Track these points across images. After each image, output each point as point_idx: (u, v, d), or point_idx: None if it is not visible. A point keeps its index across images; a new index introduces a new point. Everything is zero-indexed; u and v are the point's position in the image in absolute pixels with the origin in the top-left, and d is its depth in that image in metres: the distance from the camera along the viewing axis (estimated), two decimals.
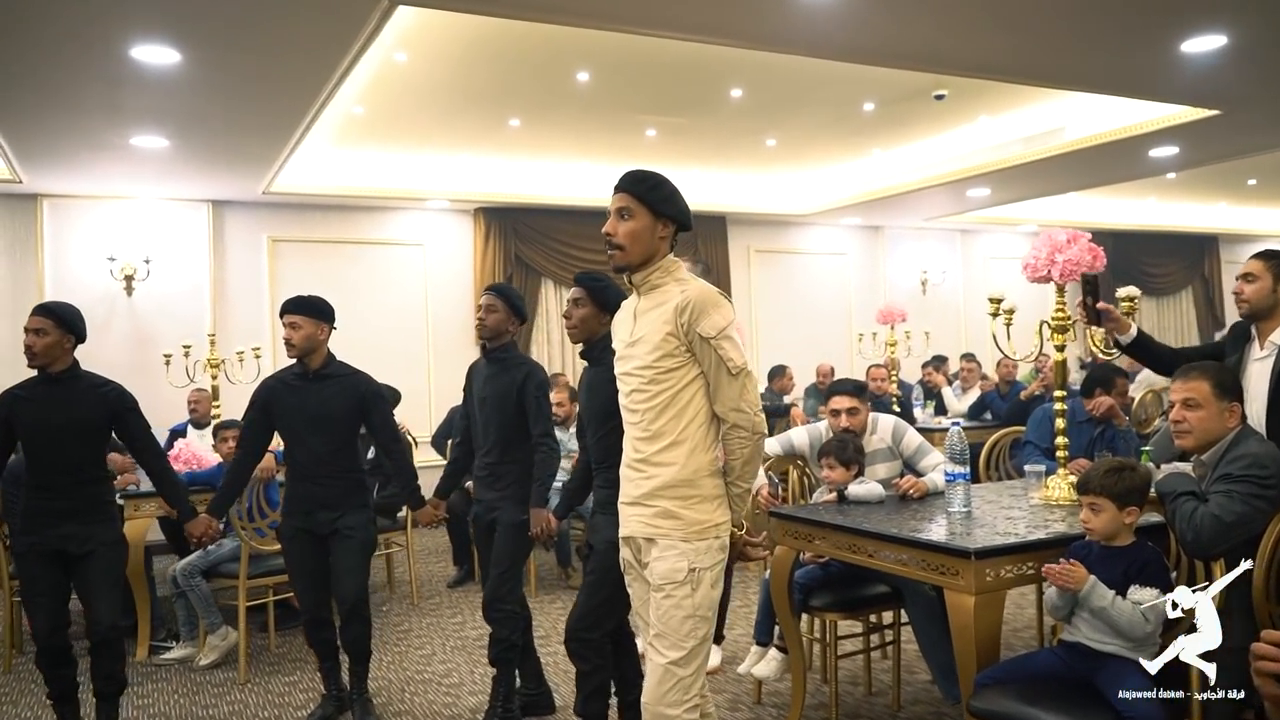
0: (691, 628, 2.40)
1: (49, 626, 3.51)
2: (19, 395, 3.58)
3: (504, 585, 3.69)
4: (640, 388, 2.49)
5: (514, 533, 3.67)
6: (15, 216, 7.29)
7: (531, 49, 5.27)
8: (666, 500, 2.44)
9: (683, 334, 2.43)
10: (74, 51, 4.24)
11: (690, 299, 2.43)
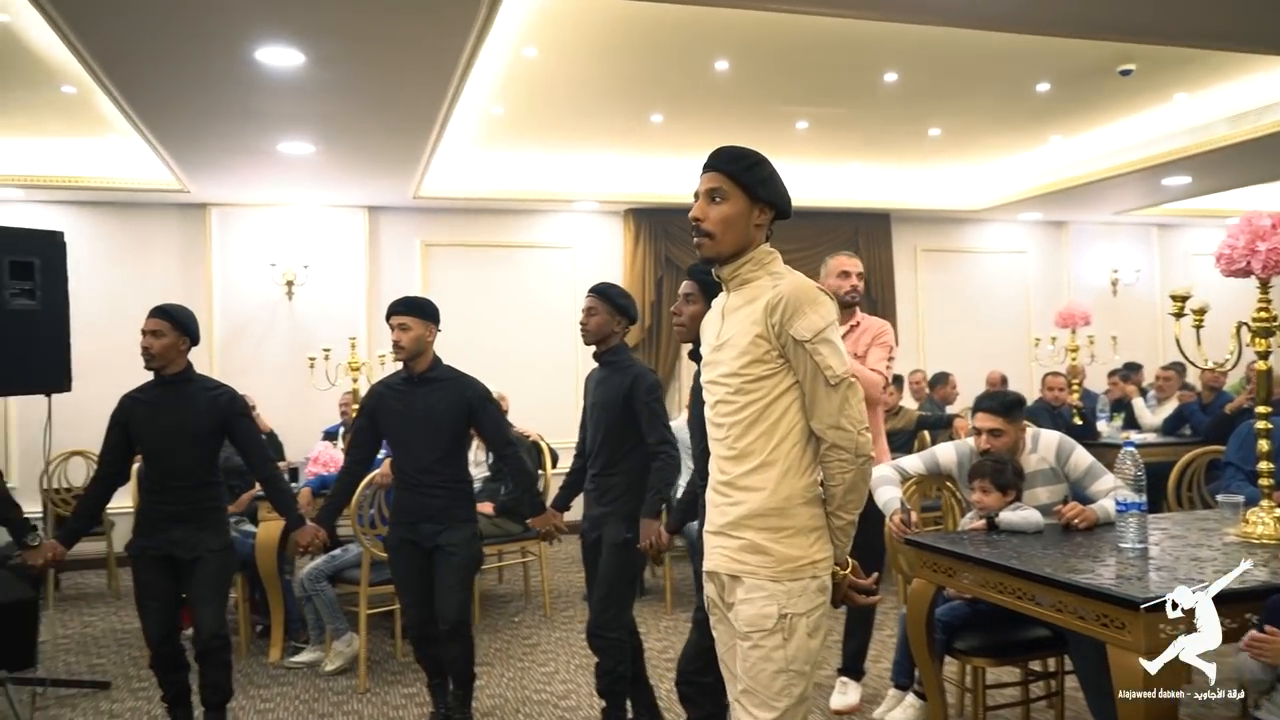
0: (784, 684, 2.04)
1: (160, 632, 3.51)
2: (137, 398, 3.59)
3: (608, 611, 3.42)
4: (726, 399, 2.15)
5: (618, 552, 3.40)
6: (187, 225, 7.62)
7: (664, 37, 4.99)
8: (753, 532, 2.09)
9: (774, 336, 2.08)
10: (203, 56, 4.28)
11: (783, 295, 2.08)
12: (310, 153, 6.06)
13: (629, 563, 3.44)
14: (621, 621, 3.45)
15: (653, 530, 3.32)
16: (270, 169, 6.50)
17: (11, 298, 4.10)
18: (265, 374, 7.53)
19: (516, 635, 5.24)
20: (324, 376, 6.63)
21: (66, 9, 3.78)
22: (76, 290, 6.29)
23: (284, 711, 4.17)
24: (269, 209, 7.73)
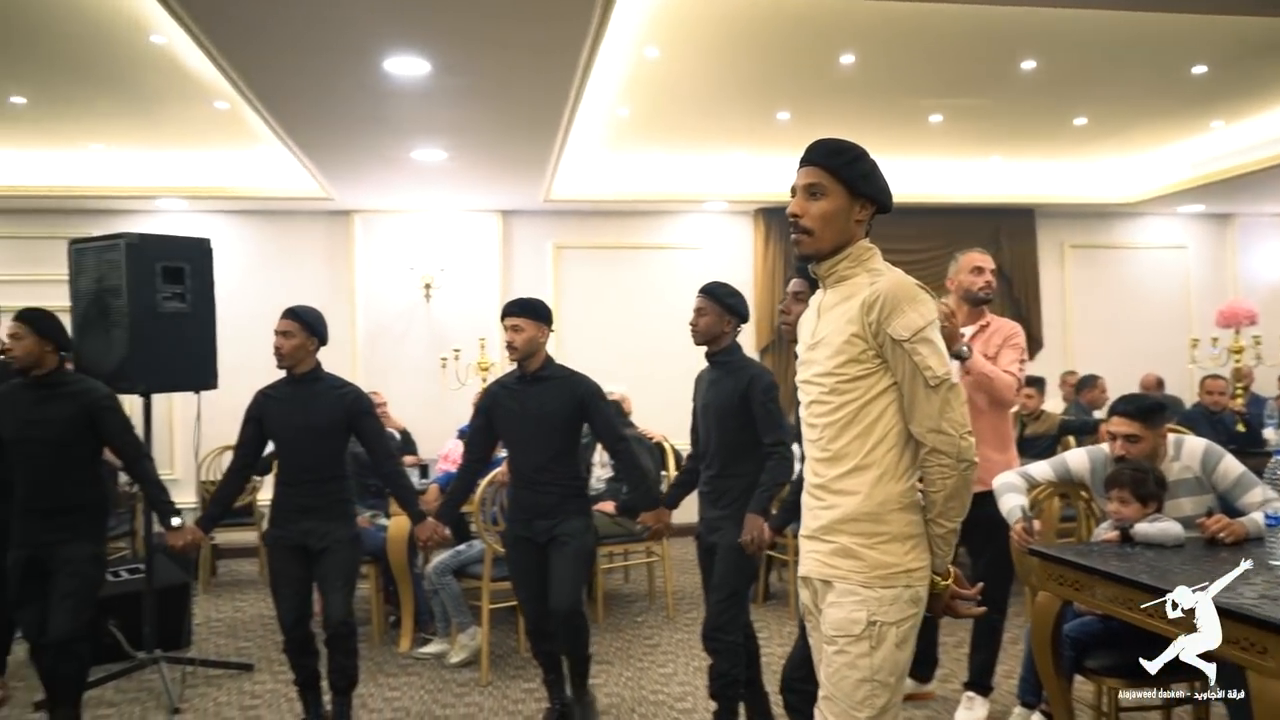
0: (868, 694, 1.96)
1: (292, 618, 3.67)
2: (269, 395, 3.77)
3: (725, 614, 3.38)
4: (820, 399, 2.08)
5: (736, 555, 3.35)
6: (333, 231, 7.98)
7: (786, 32, 4.91)
8: (846, 536, 2.02)
9: (870, 335, 2.01)
10: (337, 69, 4.46)
11: (880, 292, 2.00)
12: (443, 159, 6.24)
13: (746, 565, 3.39)
14: (738, 624, 3.40)
15: (756, 525, 3.26)
16: (407, 176, 6.73)
17: (164, 301, 4.38)
18: (403, 374, 7.81)
19: (638, 635, 5.25)
20: (454, 376, 6.82)
21: (212, 31, 4.01)
22: (232, 294, 6.74)
23: (409, 700, 4.30)
24: (408, 214, 8.01)
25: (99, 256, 4.45)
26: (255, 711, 4.18)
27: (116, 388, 4.24)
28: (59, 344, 3.73)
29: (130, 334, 4.30)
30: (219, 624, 5.64)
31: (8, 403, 3.66)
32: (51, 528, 3.56)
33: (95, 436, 3.71)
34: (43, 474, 3.58)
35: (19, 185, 7.10)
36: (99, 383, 3.87)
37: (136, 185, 7.20)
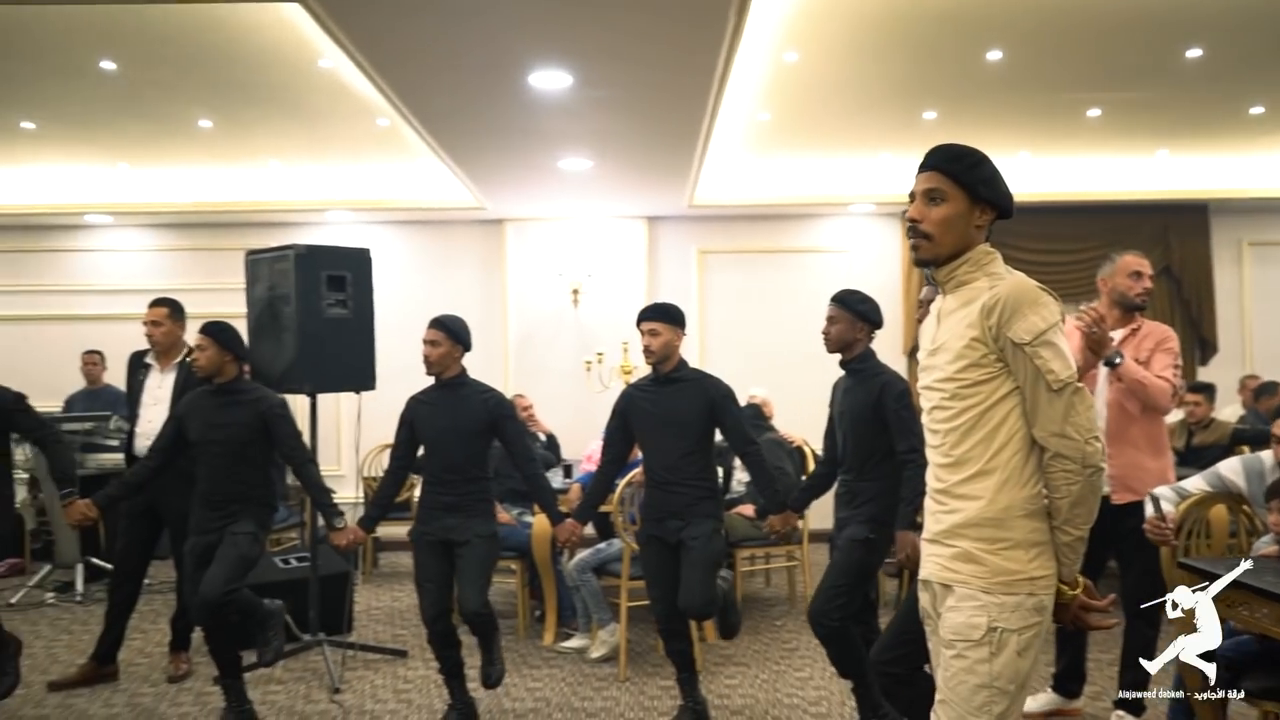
0: (985, 700, 1.94)
1: (433, 612, 3.87)
2: (420, 399, 4.00)
3: (834, 600, 3.42)
4: (942, 404, 2.07)
5: (856, 548, 3.38)
6: (486, 240, 8.32)
7: (928, 31, 4.82)
8: (968, 541, 2.01)
9: (991, 339, 1.98)
10: (485, 85, 4.68)
11: (1000, 296, 1.98)
12: (588, 167, 6.42)
13: (864, 559, 3.43)
14: (846, 610, 3.43)
15: (909, 542, 3.24)
16: (554, 184, 6.95)
17: (327, 307, 4.70)
18: (551, 377, 8.05)
19: (776, 639, 5.26)
20: (598, 379, 6.99)
21: (373, 55, 4.29)
22: (391, 300, 7.12)
23: (550, 691, 4.46)
24: (557, 222, 8.25)
25: (271, 266, 4.81)
26: (407, 695, 4.42)
27: (286, 388, 4.58)
28: (237, 354, 4.06)
29: (298, 338, 4.64)
30: (378, 612, 5.98)
31: (194, 407, 4.01)
32: (223, 518, 3.88)
33: (267, 441, 4.01)
34: (220, 472, 3.90)
35: (203, 202, 7.73)
36: (272, 392, 4.19)
37: (307, 199, 7.72)
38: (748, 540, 5.63)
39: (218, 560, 3.79)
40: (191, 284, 7.98)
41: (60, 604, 6.15)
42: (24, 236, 8.24)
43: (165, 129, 6.29)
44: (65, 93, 5.51)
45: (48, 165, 7.31)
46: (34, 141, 6.58)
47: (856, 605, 3.53)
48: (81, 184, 7.63)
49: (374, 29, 3.96)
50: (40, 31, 4.50)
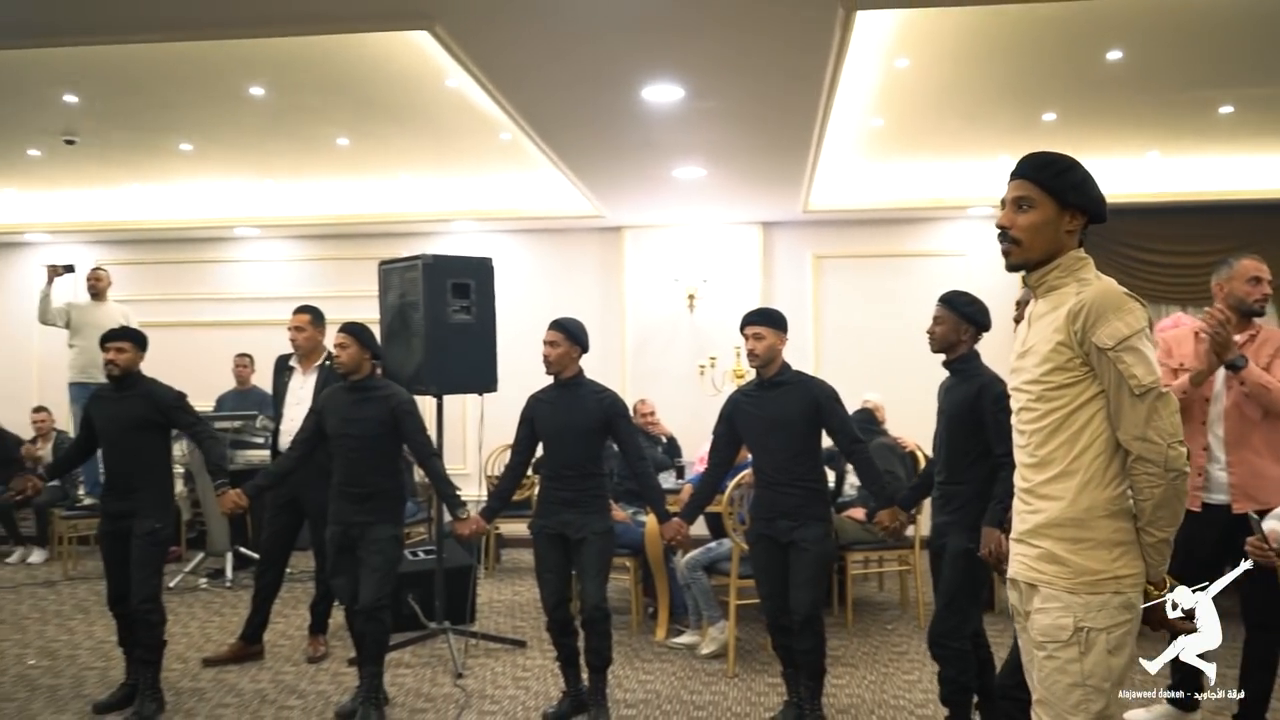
0: (1080, 699, 1.99)
1: (553, 601, 4.07)
2: (540, 398, 4.21)
3: (950, 620, 3.42)
4: (1028, 405, 2.14)
5: (961, 561, 3.38)
6: (605, 246, 8.56)
7: (1044, 33, 4.77)
8: (1051, 541, 2.06)
9: (1076, 343, 2.04)
10: (600, 99, 4.88)
11: (1085, 301, 2.03)
12: (702, 176, 6.57)
13: (972, 572, 3.40)
14: (963, 631, 3.43)
15: (993, 539, 3.26)
16: (670, 192, 7.12)
17: (453, 314, 4.98)
18: (667, 381, 8.22)
19: (886, 641, 5.29)
20: (711, 383, 7.11)
21: (494, 75, 4.55)
22: (515, 305, 7.43)
23: (661, 684, 4.61)
24: (673, 228, 8.42)
25: (402, 275, 5.12)
26: (525, 683, 4.65)
27: (415, 389, 4.88)
28: (374, 353, 4.35)
29: (426, 342, 4.93)
30: (499, 604, 6.25)
31: (331, 402, 4.33)
32: (360, 510, 4.16)
33: (397, 435, 4.28)
34: (354, 464, 4.20)
35: (339, 214, 8.22)
36: (402, 389, 4.47)
37: (435, 210, 8.11)
38: (859, 543, 5.67)
39: (369, 570, 4.07)
40: (329, 291, 8.46)
41: (212, 589, 6.65)
42: (182, 249, 8.91)
43: (307, 147, 6.74)
44: (218, 117, 5.98)
45: (203, 183, 7.90)
46: (191, 162, 7.14)
47: (975, 621, 3.54)
48: (232, 199, 8.22)
49: (496, 52, 4.21)
50: (196, 62, 4.91)
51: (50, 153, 6.79)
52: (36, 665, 4.96)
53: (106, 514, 4.35)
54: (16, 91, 5.43)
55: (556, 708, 4.16)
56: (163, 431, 4.43)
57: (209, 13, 3.82)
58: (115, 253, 8.87)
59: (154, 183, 7.88)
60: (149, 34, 4.02)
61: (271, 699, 4.43)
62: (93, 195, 8.22)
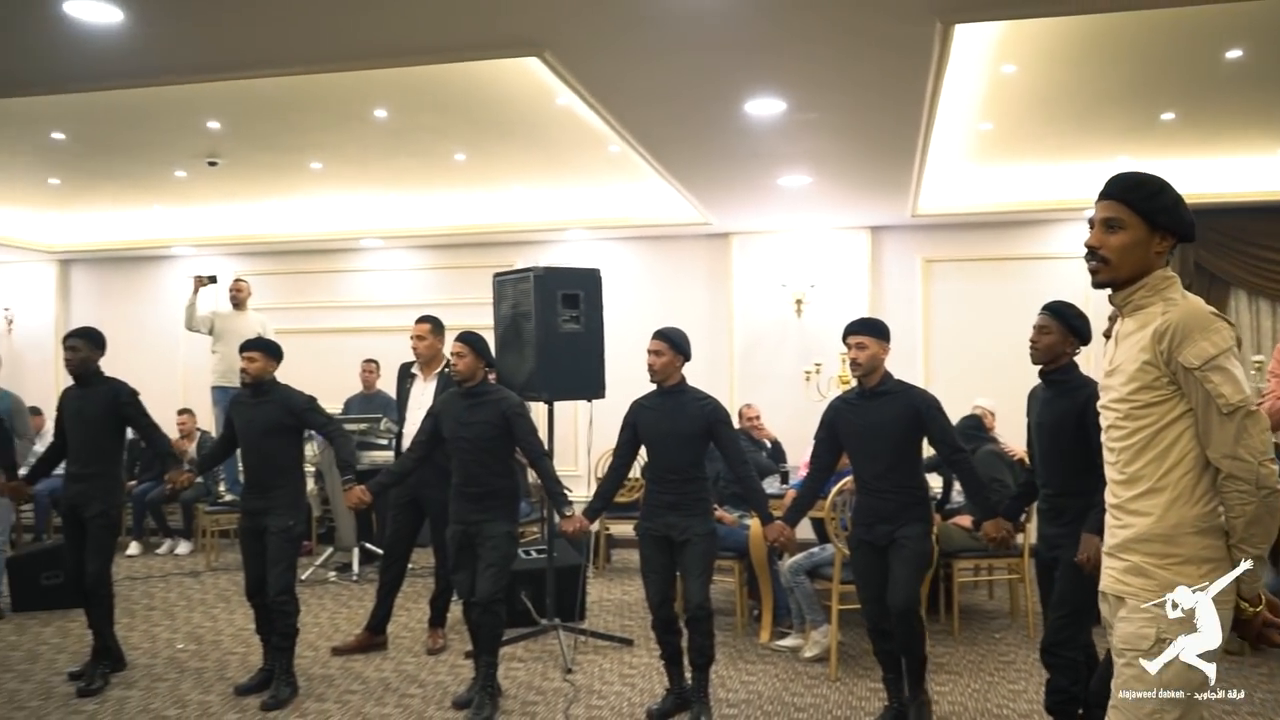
0: (1154, 709, 2.03)
1: (658, 599, 4.23)
2: (643, 405, 4.37)
3: (1064, 630, 3.43)
4: (1116, 424, 2.18)
5: (1076, 573, 3.37)
6: (713, 253, 8.68)
7: (1160, 36, 4.69)
8: (1139, 556, 2.10)
9: (1163, 363, 2.07)
10: (703, 113, 5.02)
11: (1171, 322, 2.06)
12: (807, 183, 6.63)
13: (1087, 583, 3.40)
14: (1078, 641, 3.44)
15: (1092, 545, 3.26)
16: (776, 199, 7.20)
17: (563, 323, 5.18)
18: (774, 386, 8.29)
19: (993, 650, 5.25)
20: (816, 389, 7.16)
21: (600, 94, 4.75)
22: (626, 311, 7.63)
23: (763, 685, 4.71)
24: (781, 234, 8.49)
25: (515, 286, 5.36)
26: (631, 680, 4.81)
27: (527, 396, 5.10)
28: (487, 361, 4.58)
29: (537, 351, 5.15)
30: (609, 603, 6.44)
31: (447, 407, 4.57)
32: (477, 509, 4.39)
33: (509, 437, 4.50)
34: (470, 466, 4.43)
35: (457, 225, 8.58)
36: (513, 394, 4.69)
37: (547, 220, 8.39)
38: (965, 551, 5.65)
39: (485, 566, 4.29)
40: (449, 299, 8.84)
41: (339, 582, 7.05)
42: (312, 259, 9.44)
43: (426, 163, 7.08)
44: (345, 137, 6.36)
45: (332, 198, 8.37)
46: (321, 179, 7.58)
47: (1088, 633, 3.54)
48: (359, 213, 8.68)
49: (601, 74, 4.40)
50: (326, 89, 5.25)
51: (195, 173, 7.32)
52: (185, 649, 5.38)
53: (245, 511, 4.70)
54: (165, 119, 5.91)
55: (660, 704, 4.31)
56: (295, 435, 4.76)
57: (338, 48, 4.11)
58: (253, 264, 9.46)
59: (288, 199, 8.39)
60: (284, 68, 4.34)
61: (394, 687, 4.72)
62: (233, 211, 8.81)
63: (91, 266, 10.07)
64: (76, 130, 6.20)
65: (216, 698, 4.58)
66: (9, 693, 4.68)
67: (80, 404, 4.82)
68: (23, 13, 3.72)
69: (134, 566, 7.71)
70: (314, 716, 4.32)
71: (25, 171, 7.34)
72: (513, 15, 3.75)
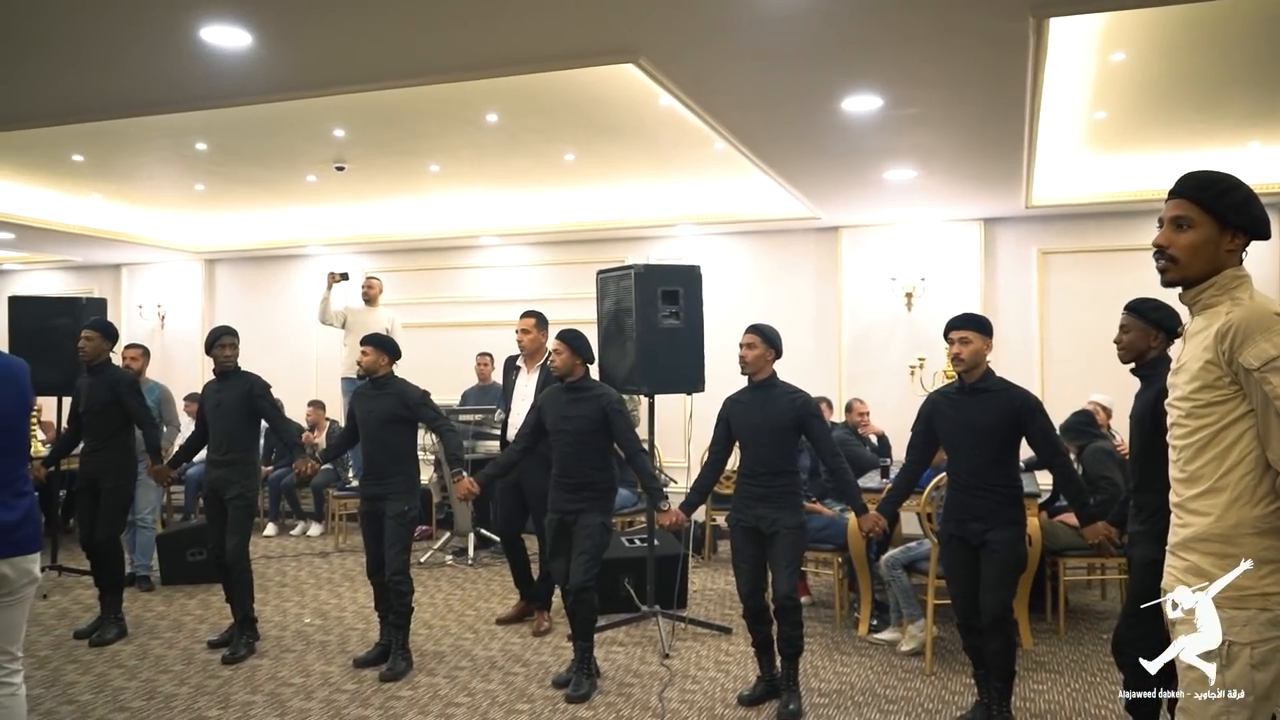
0: (1219, 711, 2.03)
1: (747, 589, 4.34)
2: (736, 399, 4.48)
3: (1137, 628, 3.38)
4: (1179, 422, 2.18)
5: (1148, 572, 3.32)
6: (821, 247, 8.69)
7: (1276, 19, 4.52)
8: (1198, 555, 2.11)
9: (1224, 363, 2.07)
10: (802, 111, 5.09)
11: (1233, 322, 2.06)
12: (913, 177, 6.59)
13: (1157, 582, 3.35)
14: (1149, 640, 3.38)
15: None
16: (883, 193, 7.17)
17: (663, 319, 5.33)
18: (883, 379, 8.26)
19: (1098, 651, 5.15)
20: (920, 383, 7.10)
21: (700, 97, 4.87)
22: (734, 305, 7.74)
23: (857, 676, 4.77)
24: (890, 227, 8.43)
25: (617, 283, 5.54)
26: (726, 666, 4.94)
27: (627, 390, 5.28)
28: (585, 358, 4.77)
29: (638, 346, 5.32)
30: (711, 593, 6.57)
31: (549, 401, 4.79)
32: (574, 499, 4.59)
33: (608, 432, 4.68)
34: (569, 458, 4.63)
35: (568, 222, 8.84)
36: (613, 390, 4.87)
37: (655, 216, 8.56)
38: (1072, 549, 5.54)
39: (579, 554, 4.51)
40: (561, 294, 9.13)
41: (455, 565, 7.39)
42: (432, 257, 9.86)
43: (538, 164, 7.34)
44: (461, 141, 6.66)
45: (449, 198, 8.74)
46: (439, 180, 7.94)
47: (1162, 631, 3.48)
48: (475, 212, 9.03)
49: (697, 77, 4.52)
50: (442, 97, 5.52)
51: (324, 178, 7.78)
52: (311, 624, 5.78)
53: (364, 496, 5.02)
54: (296, 129, 6.33)
55: (752, 691, 4.42)
56: (410, 426, 5.06)
57: (452, 60, 4.35)
58: (378, 261, 9.95)
59: (409, 199, 8.80)
60: (403, 81, 4.62)
61: (500, 665, 4.97)
62: (359, 212, 9.29)
63: (233, 265, 10.77)
64: (217, 141, 6.69)
65: (337, 669, 4.92)
66: (156, 657, 5.13)
67: (219, 396, 5.24)
68: (166, 41, 4.09)
69: (269, 546, 8.25)
70: (424, 689, 4.61)
71: (174, 179, 7.94)
72: (608, 24, 3.91)
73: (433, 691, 4.58)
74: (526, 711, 4.32)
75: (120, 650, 5.25)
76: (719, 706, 4.38)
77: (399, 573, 4.84)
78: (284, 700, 4.46)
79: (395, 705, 4.39)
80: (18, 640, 3.00)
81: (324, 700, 4.46)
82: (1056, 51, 4.65)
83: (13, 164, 7.36)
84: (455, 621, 5.76)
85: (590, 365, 4.84)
